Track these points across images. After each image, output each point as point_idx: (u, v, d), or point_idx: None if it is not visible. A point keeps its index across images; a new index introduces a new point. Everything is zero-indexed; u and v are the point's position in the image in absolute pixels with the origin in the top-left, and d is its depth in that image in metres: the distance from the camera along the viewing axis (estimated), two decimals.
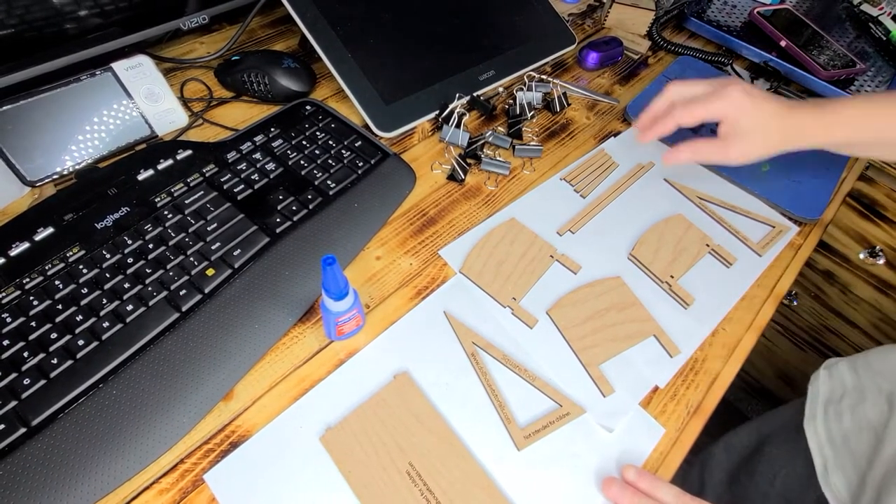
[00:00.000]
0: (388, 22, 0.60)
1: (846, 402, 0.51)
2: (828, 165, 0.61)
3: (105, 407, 0.36)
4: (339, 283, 0.36)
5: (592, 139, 0.62)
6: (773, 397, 1.20)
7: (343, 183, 0.50)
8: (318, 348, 0.42)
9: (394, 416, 0.38)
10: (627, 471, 0.38)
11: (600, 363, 0.43)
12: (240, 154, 0.51)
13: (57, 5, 0.48)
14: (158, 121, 0.53)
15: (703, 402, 0.43)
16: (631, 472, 0.37)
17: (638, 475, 0.37)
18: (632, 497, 0.36)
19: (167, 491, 0.35)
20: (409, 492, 0.35)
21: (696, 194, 0.57)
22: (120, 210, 0.45)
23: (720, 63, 0.74)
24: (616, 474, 0.38)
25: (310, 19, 0.55)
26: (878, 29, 0.81)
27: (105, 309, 0.39)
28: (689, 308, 0.48)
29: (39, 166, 0.47)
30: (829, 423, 0.51)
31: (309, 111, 0.56)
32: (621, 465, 0.38)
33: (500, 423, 0.40)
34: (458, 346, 0.43)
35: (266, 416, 0.38)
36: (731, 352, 0.46)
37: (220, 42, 0.64)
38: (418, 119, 0.58)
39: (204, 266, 0.43)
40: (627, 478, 0.37)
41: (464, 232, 0.51)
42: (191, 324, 0.40)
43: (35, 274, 0.41)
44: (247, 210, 0.47)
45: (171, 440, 0.36)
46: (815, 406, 0.53)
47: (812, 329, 1.00)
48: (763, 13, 0.78)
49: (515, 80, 0.67)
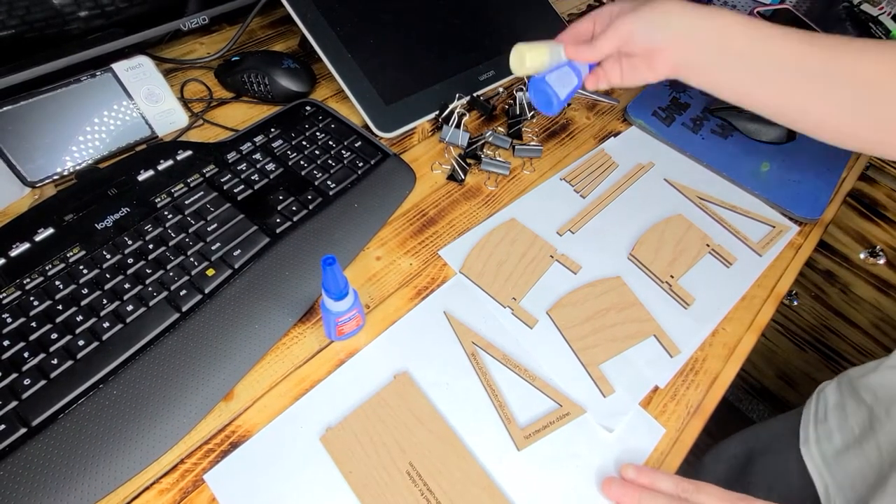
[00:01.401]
0: (388, 22, 0.60)
1: (832, 421, 0.51)
2: (828, 165, 0.61)
3: (105, 407, 0.36)
4: (339, 283, 0.36)
5: (592, 139, 0.62)
6: (774, 397, 1.20)
7: (343, 183, 0.50)
8: (319, 348, 0.42)
9: (394, 416, 0.38)
10: (626, 470, 0.38)
11: (600, 363, 0.43)
12: (240, 154, 0.51)
13: (57, 6, 0.48)
14: (158, 121, 0.53)
15: (704, 402, 0.43)
16: (630, 470, 0.37)
17: (637, 472, 0.37)
18: (633, 494, 0.36)
19: (167, 491, 0.35)
20: (410, 492, 0.35)
21: (697, 194, 0.57)
22: (120, 210, 0.45)
23: None
24: (616, 474, 0.38)
25: (310, 20, 0.55)
26: (878, 29, 0.81)
27: (105, 309, 0.40)
28: (689, 308, 0.48)
29: (40, 167, 0.47)
30: (821, 444, 0.51)
31: (309, 111, 0.56)
32: (621, 465, 0.38)
33: (500, 423, 0.40)
34: (458, 346, 0.43)
35: (266, 417, 0.38)
36: (732, 352, 0.46)
37: (220, 43, 0.64)
38: (418, 119, 0.58)
39: (204, 266, 0.43)
40: (627, 476, 0.37)
41: (464, 232, 0.51)
42: (191, 324, 0.40)
43: (35, 274, 0.41)
44: (247, 210, 0.47)
45: (172, 440, 0.36)
46: (808, 428, 0.53)
47: (812, 329, 1.00)
48: (763, 13, 0.78)
49: (515, 80, 0.67)
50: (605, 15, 0.45)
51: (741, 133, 0.64)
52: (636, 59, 0.45)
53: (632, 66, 0.46)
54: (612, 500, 0.37)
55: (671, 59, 0.43)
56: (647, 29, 0.42)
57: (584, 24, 0.47)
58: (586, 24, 0.47)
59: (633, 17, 0.43)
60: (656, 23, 0.42)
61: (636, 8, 0.43)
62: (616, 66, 0.47)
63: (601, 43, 0.44)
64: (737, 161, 0.60)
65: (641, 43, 0.43)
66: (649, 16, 0.42)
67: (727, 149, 0.62)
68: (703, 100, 0.68)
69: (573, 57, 0.46)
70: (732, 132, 0.64)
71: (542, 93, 0.47)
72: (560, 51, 0.47)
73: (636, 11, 0.43)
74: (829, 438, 0.50)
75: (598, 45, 0.44)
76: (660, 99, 0.67)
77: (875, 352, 0.91)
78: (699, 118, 0.65)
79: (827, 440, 0.50)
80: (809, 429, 0.52)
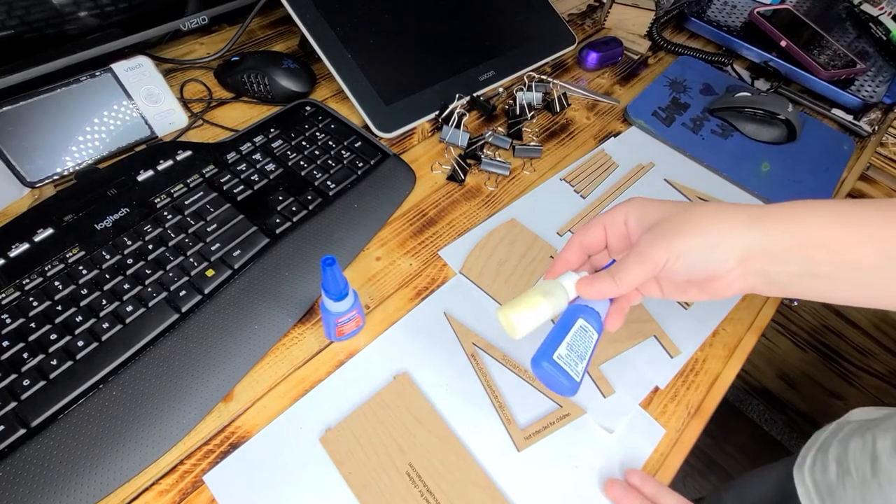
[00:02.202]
0: (388, 22, 0.60)
1: (832, 453, 0.49)
2: (828, 165, 0.61)
3: (105, 408, 0.36)
4: (339, 283, 0.36)
5: (592, 139, 0.62)
6: (774, 398, 1.20)
7: (343, 183, 0.50)
8: (318, 349, 0.42)
9: (394, 417, 0.38)
10: (632, 475, 0.37)
11: (600, 363, 0.43)
12: (239, 155, 0.51)
13: (57, 6, 0.48)
14: (158, 122, 0.53)
15: (704, 402, 0.43)
16: (636, 476, 0.37)
17: (643, 480, 0.37)
18: (634, 501, 0.36)
19: (167, 492, 0.35)
20: (409, 493, 0.35)
21: (697, 194, 0.57)
22: (119, 211, 0.45)
23: (720, 63, 0.74)
24: (617, 475, 0.38)
25: (310, 20, 0.55)
26: (879, 29, 0.81)
27: (105, 310, 0.39)
28: (689, 308, 0.48)
29: (39, 167, 0.47)
30: (815, 473, 0.49)
31: (309, 112, 0.56)
32: (625, 468, 0.38)
33: (500, 423, 0.39)
34: (458, 346, 0.43)
35: (266, 417, 0.38)
36: (732, 352, 0.46)
37: (219, 43, 0.64)
38: (418, 119, 0.58)
39: (204, 267, 0.43)
40: (632, 482, 0.37)
41: (464, 232, 0.51)
42: (190, 325, 0.40)
43: (35, 275, 0.41)
44: (247, 211, 0.47)
45: (171, 441, 0.36)
46: (808, 450, 0.52)
47: (813, 329, 1.00)
48: (763, 13, 0.78)
49: (515, 81, 0.67)
50: (619, 221, 0.34)
51: (741, 133, 0.64)
52: (683, 284, 0.33)
53: (678, 288, 0.34)
54: (614, 502, 0.37)
55: (740, 285, 0.32)
56: (691, 260, 0.31)
57: (592, 234, 0.35)
58: (595, 232, 0.35)
59: (666, 242, 0.31)
60: (704, 249, 0.30)
61: (665, 222, 0.31)
62: (654, 285, 0.35)
63: (625, 277, 0.32)
64: (737, 161, 0.60)
65: (687, 275, 0.31)
66: (691, 241, 0.30)
67: (727, 149, 0.62)
68: (703, 100, 0.68)
69: (589, 297, 0.34)
70: (733, 132, 0.64)
71: (550, 377, 0.33)
72: (563, 291, 0.35)
73: (669, 234, 0.31)
74: (825, 470, 0.48)
75: (622, 279, 0.32)
76: (660, 99, 0.66)
77: (875, 352, 0.91)
78: (699, 118, 0.65)
79: (822, 472, 0.49)
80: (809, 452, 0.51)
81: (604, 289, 0.33)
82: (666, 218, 0.32)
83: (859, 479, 0.45)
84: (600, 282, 0.33)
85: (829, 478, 0.48)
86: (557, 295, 0.34)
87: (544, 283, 0.35)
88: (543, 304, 0.34)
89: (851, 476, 0.46)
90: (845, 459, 0.47)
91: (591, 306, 0.34)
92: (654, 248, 0.31)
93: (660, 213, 0.32)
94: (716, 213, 0.31)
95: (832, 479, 0.48)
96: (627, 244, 0.35)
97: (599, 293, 0.33)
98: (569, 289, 0.35)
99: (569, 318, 0.34)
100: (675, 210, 0.32)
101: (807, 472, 0.51)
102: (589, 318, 0.34)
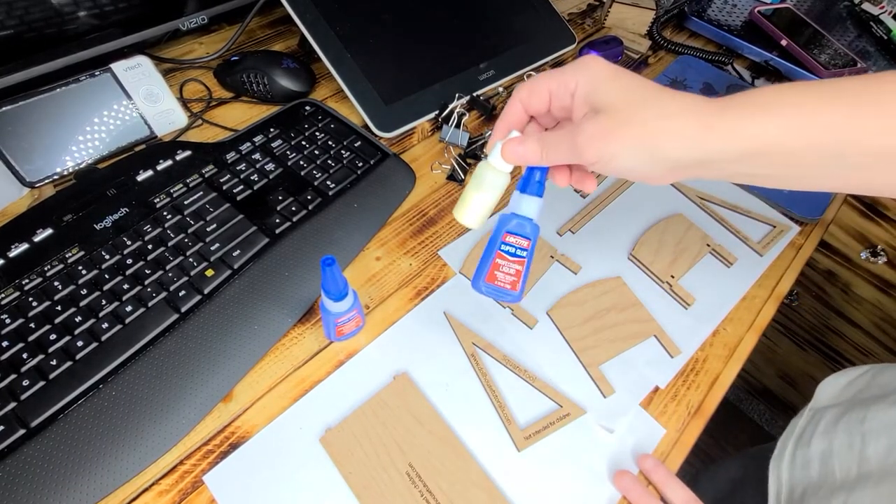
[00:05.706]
0: (388, 22, 0.60)
1: (815, 448, 0.44)
2: None
3: (104, 408, 0.36)
4: (339, 283, 0.36)
5: None
6: (774, 397, 1.20)
7: (343, 183, 0.50)
8: (318, 349, 0.42)
9: (394, 417, 0.38)
10: (645, 460, 0.38)
11: (601, 364, 0.43)
12: (239, 154, 0.51)
13: (56, 6, 0.48)
14: (158, 121, 0.53)
15: (704, 402, 0.43)
16: (649, 461, 0.38)
17: (655, 466, 0.37)
18: (642, 493, 0.36)
19: (167, 492, 0.35)
20: (409, 493, 0.35)
21: (697, 194, 0.57)
22: (119, 211, 0.45)
23: (721, 62, 0.74)
24: (617, 474, 0.38)
25: (309, 19, 0.55)
26: (879, 28, 0.81)
27: (104, 310, 0.39)
28: (689, 308, 0.48)
29: (39, 167, 0.47)
30: (794, 469, 0.45)
31: (308, 111, 0.56)
32: (637, 456, 0.39)
33: (500, 423, 0.39)
34: (457, 346, 0.43)
35: (266, 418, 0.38)
36: (732, 352, 0.46)
37: (219, 42, 0.64)
38: (418, 119, 0.58)
39: (203, 267, 0.43)
40: (644, 466, 0.38)
41: (464, 232, 0.51)
42: (190, 325, 0.40)
43: (34, 275, 0.41)
44: (246, 211, 0.47)
45: (171, 441, 0.36)
46: (787, 441, 0.47)
47: (813, 329, 0.99)
48: (764, 12, 0.78)
49: (515, 80, 0.67)
50: (566, 92, 0.32)
51: None
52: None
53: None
54: (622, 492, 0.37)
55: (667, 182, 0.32)
56: (622, 166, 0.30)
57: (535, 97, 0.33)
58: (539, 97, 0.33)
59: (601, 144, 0.29)
60: (637, 160, 0.29)
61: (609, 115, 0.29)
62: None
63: (552, 155, 0.32)
64: None
65: (615, 174, 0.31)
66: (627, 151, 0.29)
67: None
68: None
69: (511, 160, 0.34)
70: None
71: (493, 295, 0.35)
72: (494, 171, 0.35)
73: (607, 135, 0.29)
74: (807, 467, 0.44)
75: (548, 155, 0.32)
76: None
77: (876, 351, 0.91)
78: None
79: (803, 468, 0.44)
80: (788, 443, 0.47)
81: (527, 154, 0.33)
82: (612, 108, 0.29)
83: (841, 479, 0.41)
84: (525, 146, 0.33)
85: (811, 475, 0.44)
86: (489, 178, 0.35)
87: (477, 170, 0.36)
88: (479, 196, 0.35)
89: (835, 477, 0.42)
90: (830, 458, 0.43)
91: (520, 213, 0.35)
92: (588, 145, 0.30)
93: (609, 98, 0.30)
94: (663, 119, 0.28)
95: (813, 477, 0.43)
96: (567, 116, 0.33)
97: (521, 157, 0.33)
98: (497, 164, 0.35)
99: (497, 234, 0.35)
100: (625, 101, 0.29)
101: (785, 466, 0.46)
102: (517, 229, 0.35)
